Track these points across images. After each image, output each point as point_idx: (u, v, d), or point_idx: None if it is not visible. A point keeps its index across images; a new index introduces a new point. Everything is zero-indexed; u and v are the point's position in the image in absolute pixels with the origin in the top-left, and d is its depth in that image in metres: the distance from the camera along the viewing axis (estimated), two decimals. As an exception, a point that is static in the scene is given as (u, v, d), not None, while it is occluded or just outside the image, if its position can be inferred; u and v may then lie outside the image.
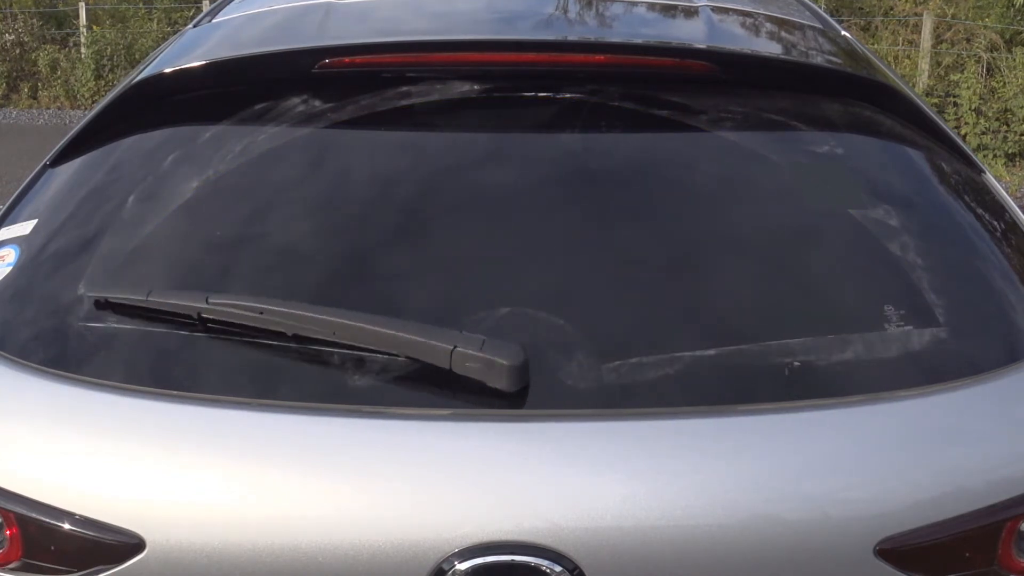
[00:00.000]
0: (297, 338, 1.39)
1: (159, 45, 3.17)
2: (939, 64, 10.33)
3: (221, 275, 1.53)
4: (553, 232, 1.55)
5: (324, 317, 1.37)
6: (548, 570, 1.26)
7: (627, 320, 1.45)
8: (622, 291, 1.48)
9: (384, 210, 1.58)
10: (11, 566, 1.35)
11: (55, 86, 12.63)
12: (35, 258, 1.58)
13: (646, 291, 1.49)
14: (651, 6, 2.12)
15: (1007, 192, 1.82)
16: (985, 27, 10.38)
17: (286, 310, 1.38)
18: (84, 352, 1.45)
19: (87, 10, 13.29)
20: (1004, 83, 9.55)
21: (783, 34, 2.06)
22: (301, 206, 1.61)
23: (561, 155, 1.66)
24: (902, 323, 1.45)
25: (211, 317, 1.40)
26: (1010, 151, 9.31)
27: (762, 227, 1.57)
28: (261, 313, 1.38)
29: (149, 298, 1.43)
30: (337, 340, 1.37)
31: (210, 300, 1.40)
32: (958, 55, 10.28)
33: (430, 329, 1.35)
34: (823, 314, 1.47)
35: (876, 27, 11.42)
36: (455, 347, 1.32)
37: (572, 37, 1.93)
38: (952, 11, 10.92)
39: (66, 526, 1.33)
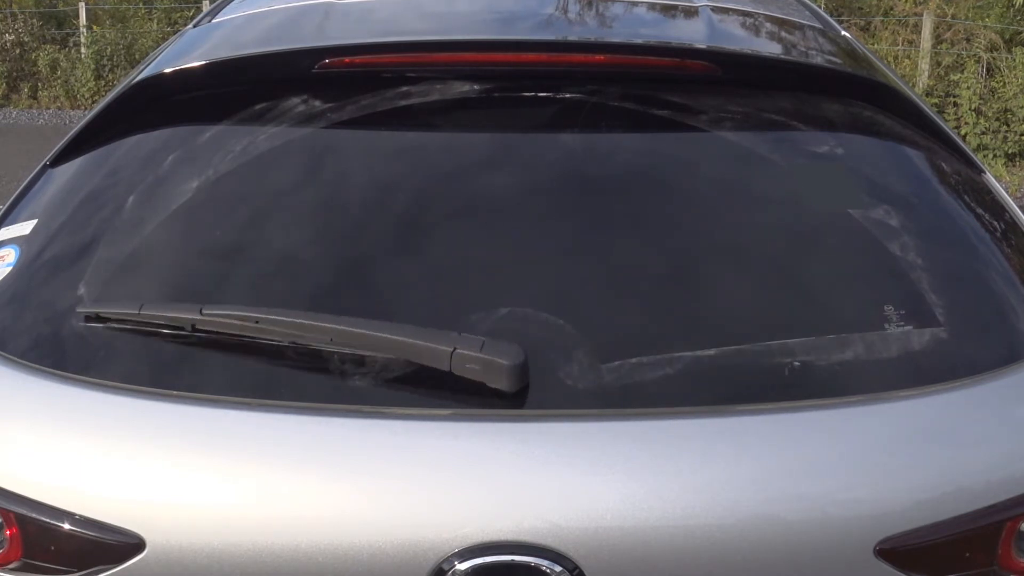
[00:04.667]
0: (295, 344, 1.39)
1: (159, 45, 3.17)
2: (939, 64, 10.32)
3: (221, 275, 1.53)
4: (553, 232, 1.55)
5: (321, 324, 1.37)
6: (548, 570, 1.26)
7: (627, 320, 1.45)
8: (622, 291, 1.48)
9: (384, 210, 1.58)
10: (11, 566, 1.35)
11: (55, 86, 12.62)
12: (35, 258, 1.58)
13: (646, 291, 1.49)
14: (651, 6, 2.12)
15: (1007, 192, 1.82)
16: (985, 27, 10.38)
17: (282, 319, 1.38)
18: (84, 352, 1.45)
19: (87, 10, 13.28)
20: (1004, 83, 9.55)
21: (783, 34, 2.06)
22: (301, 206, 1.61)
23: (561, 155, 1.66)
24: (902, 323, 1.45)
25: (206, 328, 1.40)
26: (1010, 151, 9.31)
27: (762, 227, 1.57)
28: (256, 323, 1.38)
29: (142, 311, 1.42)
30: (335, 347, 1.37)
31: (204, 311, 1.39)
32: (958, 55, 10.28)
33: (429, 332, 1.35)
34: (823, 314, 1.47)
35: (876, 27, 11.42)
36: (455, 349, 1.32)
37: (572, 37, 1.93)
38: (952, 11, 10.92)
39: (66, 526, 1.33)
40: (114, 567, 1.32)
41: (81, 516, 1.32)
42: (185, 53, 1.90)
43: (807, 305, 1.49)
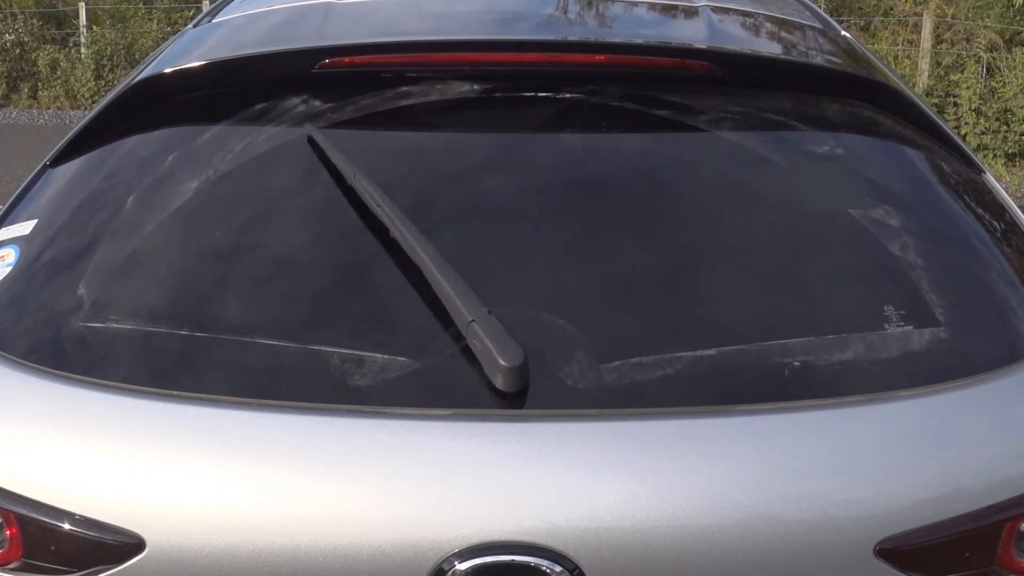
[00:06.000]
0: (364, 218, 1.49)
1: (159, 45, 3.17)
2: (939, 64, 10.32)
3: (221, 275, 1.53)
4: (553, 232, 1.55)
5: (394, 219, 1.46)
6: (548, 570, 1.26)
7: (627, 320, 1.45)
8: (622, 291, 1.48)
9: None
10: (11, 566, 1.35)
11: (55, 86, 12.63)
12: (35, 258, 1.58)
13: (646, 291, 1.49)
14: (651, 6, 2.12)
15: (1007, 192, 1.82)
16: (985, 27, 10.38)
17: (370, 190, 1.51)
18: (84, 352, 1.45)
19: (87, 10, 13.28)
20: (1004, 83, 9.55)
21: (783, 34, 2.06)
22: (301, 207, 1.61)
23: (561, 155, 1.66)
24: (902, 323, 1.45)
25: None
26: (1010, 151, 9.31)
27: (762, 227, 1.57)
28: (354, 176, 1.54)
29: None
30: (393, 239, 1.46)
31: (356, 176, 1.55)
32: (958, 55, 10.27)
33: (469, 296, 1.35)
34: (823, 314, 1.47)
35: (876, 27, 11.42)
36: (472, 321, 1.32)
37: (572, 37, 1.93)
38: (952, 11, 10.92)
39: (66, 526, 1.33)
40: (114, 567, 1.32)
41: (81, 516, 1.32)
42: (185, 53, 1.90)
43: (807, 305, 1.49)
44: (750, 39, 2.03)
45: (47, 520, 1.33)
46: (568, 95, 1.71)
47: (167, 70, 1.79)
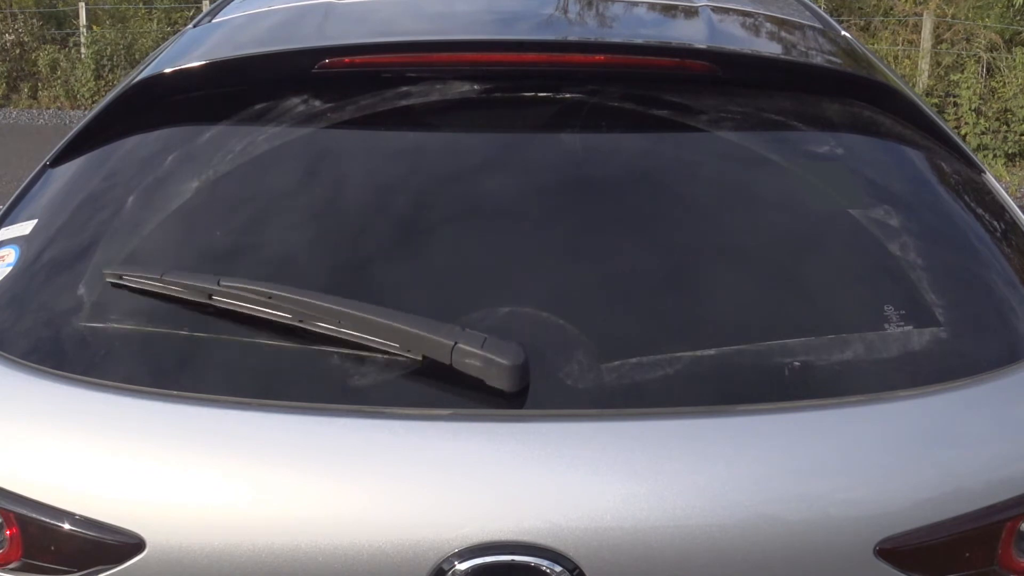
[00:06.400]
0: (302, 326, 1.40)
1: (159, 45, 3.17)
2: (939, 64, 10.32)
3: (221, 276, 1.53)
4: (553, 232, 1.55)
5: (330, 306, 1.38)
6: (548, 570, 1.26)
7: (627, 320, 1.45)
8: (622, 291, 1.48)
9: (384, 210, 1.58)
10: (11, 566, 1.35)
11: (55, 86, 12.63)
12: (35, 258, 1.59)
13: (646, 291, 1.49)
14: (651, 6, 2.12)
15: (1007, 192, 1.82)
16: (985, 27, 10.38)
17: (293, 296, 1.40)
18: (84, 352, 1.45)
19: (87, 10, 13.28)
20: (1004, 83, 9.55)
21: (783, 34, 2.06)
22: (301, 207, 1.61)
23: (561, 155, 1.66)
24: (902, 323, 1.45)
25: (221, 300, 1.43)
26: (1010, 151, 9.31)
27: (761, 227, 1.57)
28: (269, 298, 1.40)
29: (164, 277, 1.46)
30: (342, 329, 1.38)
31: (221, 282, 1.43)
32: (958, 55, 10.27)
33: (433, 324, 1.35)
34: (823, 314, 1.47)
35: (876, 27, 11.42)
36: (456, 343, 1.32)
37: (572, 37, 1.94)
38: (952, 11, 10.91)
39: (66, 526, 1.33)
40: (114, 567, 1.32)
41: (81, 516, 1.32)
42: (185, 53, 1.90)
43: (807, 305, 1.49)
44: (750, 39, 2.03)
45: (47, 520, 1.33)
46: (568, 95, 1.71)
47: (167, 70, 1.79)
